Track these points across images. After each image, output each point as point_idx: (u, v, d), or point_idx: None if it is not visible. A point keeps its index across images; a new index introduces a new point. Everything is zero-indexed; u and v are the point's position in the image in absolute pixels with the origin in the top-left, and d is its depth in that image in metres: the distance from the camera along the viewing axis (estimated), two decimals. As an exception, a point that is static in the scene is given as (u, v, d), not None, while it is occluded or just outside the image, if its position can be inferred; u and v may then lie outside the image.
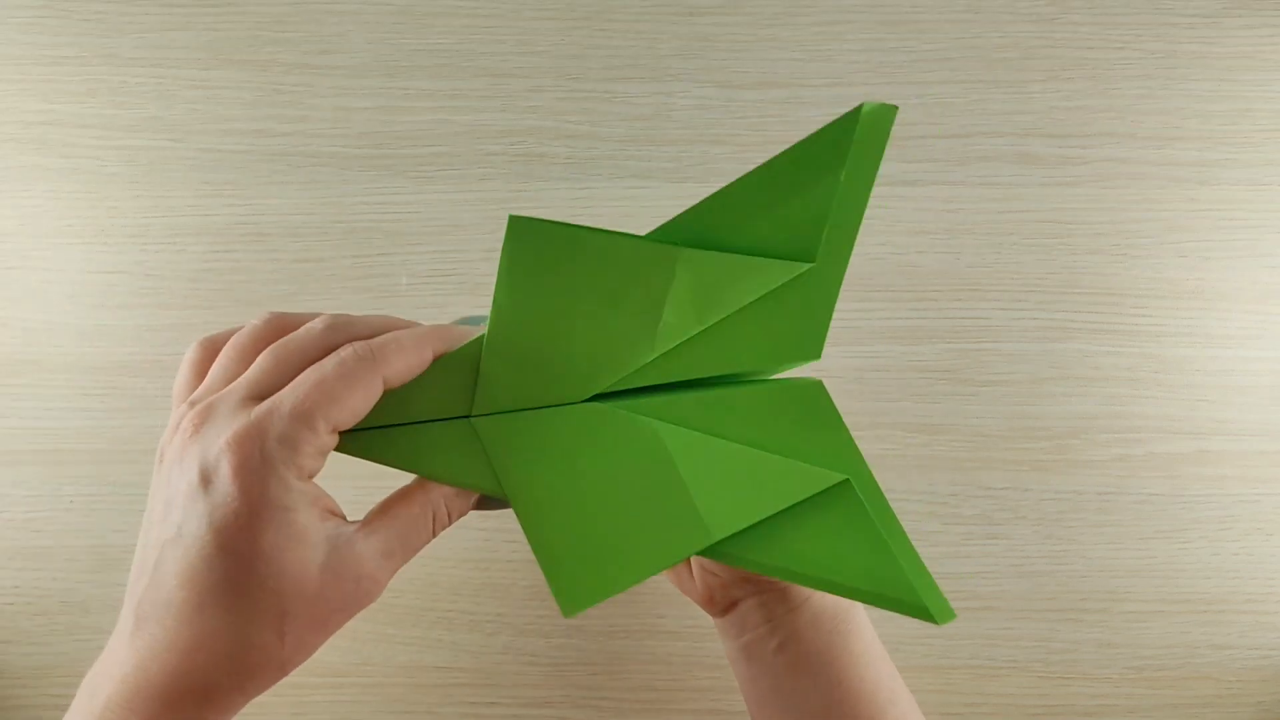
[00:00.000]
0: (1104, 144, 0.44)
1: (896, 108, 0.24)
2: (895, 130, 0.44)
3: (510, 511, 0.26)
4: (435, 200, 0.44)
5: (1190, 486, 0.43)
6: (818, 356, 0.26)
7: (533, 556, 0.43)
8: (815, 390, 0.25)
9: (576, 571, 0.25)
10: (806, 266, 0.25)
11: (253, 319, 0.25)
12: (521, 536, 0.43)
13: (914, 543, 0.45)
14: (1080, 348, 0.44)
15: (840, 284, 0.25)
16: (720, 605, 0.30)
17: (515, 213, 0.24)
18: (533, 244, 0.24)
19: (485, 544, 0.43)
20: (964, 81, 0.45)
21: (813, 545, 0.25)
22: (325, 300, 0.44)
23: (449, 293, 0.44)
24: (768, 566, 0.25)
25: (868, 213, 0.25)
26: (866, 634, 0.29)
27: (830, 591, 0.25)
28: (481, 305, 0.44)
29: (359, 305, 0.44)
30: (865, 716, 0.28)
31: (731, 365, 0.25)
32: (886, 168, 0.44)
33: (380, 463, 0.25)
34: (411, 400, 0.25)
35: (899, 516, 0.26)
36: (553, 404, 0.25)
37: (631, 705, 0.43)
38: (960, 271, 0.44)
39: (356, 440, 0.25)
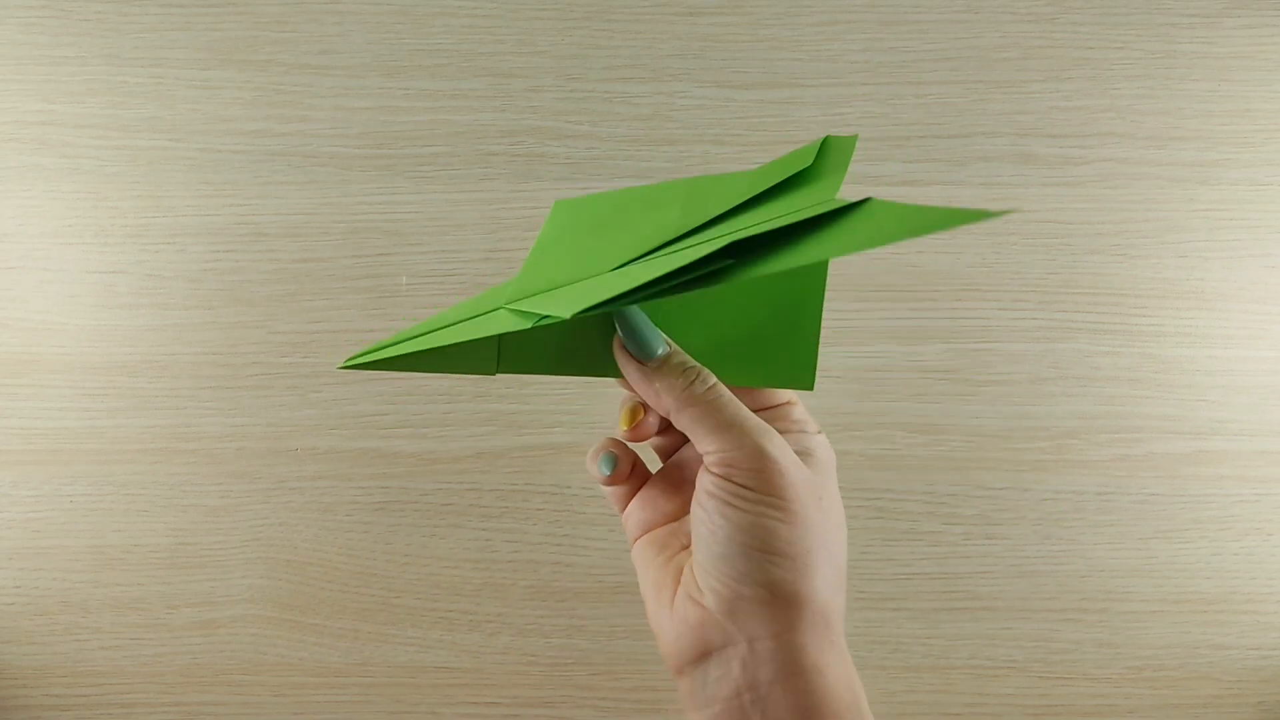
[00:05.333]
0: (1104, 144, 0.44)
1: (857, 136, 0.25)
2: (895, 130, 0.44)
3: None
4: (435, 200, 0.44)
5: (1190, 486, 0.43)
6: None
7: (532, 556, 0.44)
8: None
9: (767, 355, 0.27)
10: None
11: None
12: (520, 536, 0.43)
13: (914, 543, 0.45)
14: (1080, 348, 0.44)
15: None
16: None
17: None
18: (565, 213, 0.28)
19: (485, 544, 0.43)
20: (964, 81, 0.45)
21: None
22: (325, 300, 0.44)
23: (449, 293, 0.44)
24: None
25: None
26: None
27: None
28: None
29: (359, 305, 0.44)
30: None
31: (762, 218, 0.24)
32: (886, 167, 0.44)
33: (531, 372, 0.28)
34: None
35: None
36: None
37: (631, 705, 0.43)
38: (960, 271, 0.44)
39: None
